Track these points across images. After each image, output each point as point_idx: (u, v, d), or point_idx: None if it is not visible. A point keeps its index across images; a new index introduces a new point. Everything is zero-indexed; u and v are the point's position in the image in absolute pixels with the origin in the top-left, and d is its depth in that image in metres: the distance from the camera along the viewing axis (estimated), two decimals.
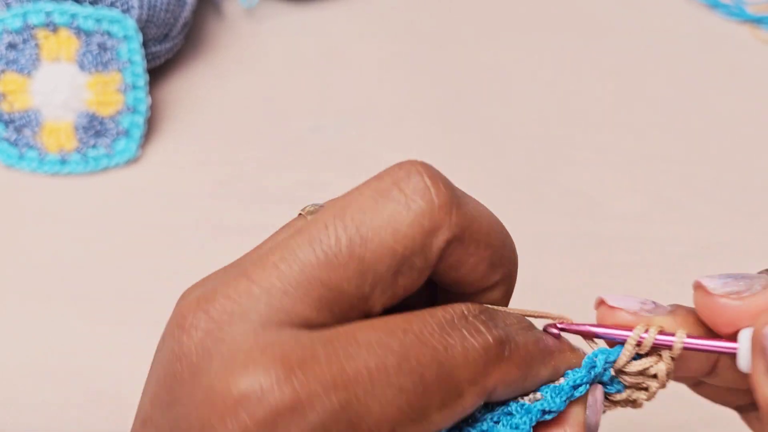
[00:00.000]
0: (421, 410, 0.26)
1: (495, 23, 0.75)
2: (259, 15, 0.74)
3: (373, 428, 0.25)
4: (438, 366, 0.26)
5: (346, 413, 0.24)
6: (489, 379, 0.27)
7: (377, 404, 0.25)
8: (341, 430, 0.24)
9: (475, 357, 0.27)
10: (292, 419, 0.24)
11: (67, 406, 0.50)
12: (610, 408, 0.31)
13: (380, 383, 0.25)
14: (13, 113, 0.62)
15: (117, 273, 0.57)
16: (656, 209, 0.61)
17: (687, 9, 0.76)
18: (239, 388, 0.25)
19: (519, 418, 0.28)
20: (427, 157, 0.68)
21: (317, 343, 0.25)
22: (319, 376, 0.25)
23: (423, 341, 0.26)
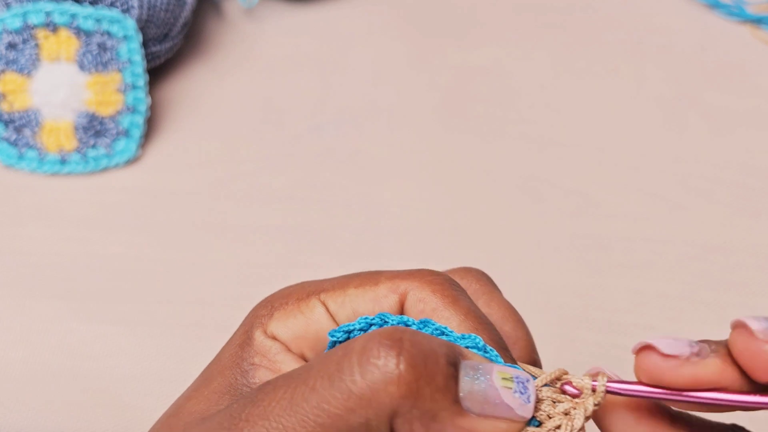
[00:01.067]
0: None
1: (495, 23, 0.75)
2: (259, 15, 0.74)
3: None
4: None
5: None
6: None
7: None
8: None
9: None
10: None
11: (67, 406, 0.50)
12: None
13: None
14: (13, 113, 0.62)
15: (117, 273, 0.57)
16: (656, 209, 0.61)
17: (687, 9, 0.76)
18: None
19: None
20: (426, 157, 0.69)
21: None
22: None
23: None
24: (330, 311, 0.33)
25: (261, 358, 0.32)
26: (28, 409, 0.50)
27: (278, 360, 0.32)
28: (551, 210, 0.61)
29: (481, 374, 0.27)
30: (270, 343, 0.33)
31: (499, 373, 0.27)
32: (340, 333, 0.32)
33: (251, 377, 0.32)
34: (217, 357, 0.34)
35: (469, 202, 0.61)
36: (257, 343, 0.33)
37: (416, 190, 0.62)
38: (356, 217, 0.60)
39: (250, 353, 0.33)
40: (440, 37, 0.73)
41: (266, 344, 0.33)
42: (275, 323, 0.33)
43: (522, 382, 0.28)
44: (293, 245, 0.59)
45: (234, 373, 0.32)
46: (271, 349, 0.32)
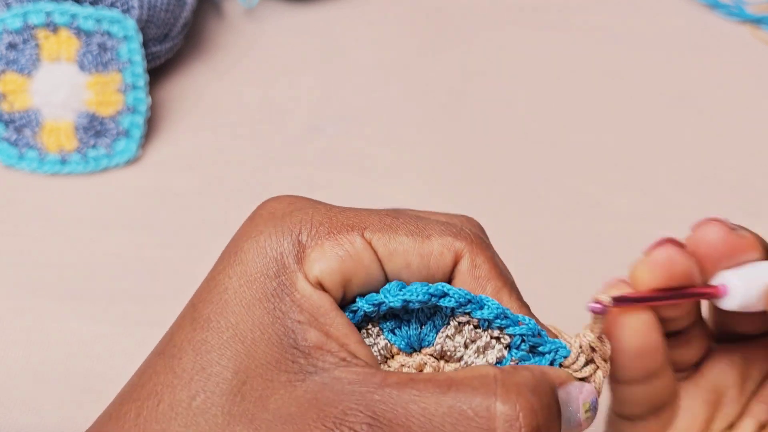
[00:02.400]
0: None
1: (495, 23, 0.75)
2: (259, 15, 0.74)
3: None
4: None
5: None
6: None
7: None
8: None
9: None
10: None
11: (67, 406, 0.50)
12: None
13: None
14: (13, 113, 0.62)
15: (117, 273, 0.57)
16: (656, 209, 0.61)
17: (687, 9, 0.76)
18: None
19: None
20: (426, 156, 0.69)
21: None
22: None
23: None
24: (379, 255, 0.30)
25: (308, 316, 0.28)
26: (28, 409, 0.50)
27: (328, 322, 0.28)
28: (551, 209, 0.61)
29: (573, 414, 0.29)
30: (317, 300, 0.28)
31: (583, 406, 0.29)
32: (396, 299, 0.30)
33: (300, 339, 0.28)
34: (229, 296, 0.29)
35: (468, 201, 0.61)
36: (301, 296, 0.28)
37: (416, 190, 0.62)
38: None
39: (293, 307, 0.28)
40: (441, 37, 0.73)
41: (313, 301, 0.28)
42: (318, 264, 0.29)
43: (595, 406, 0.30)
44: None
45: (276, 330, 0.28)
46: (320, 309, 0.28)
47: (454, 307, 0.30)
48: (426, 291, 0.30)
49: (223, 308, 0.29)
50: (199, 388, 0.27)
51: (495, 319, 0.30)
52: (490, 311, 0.30)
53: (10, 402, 0.50)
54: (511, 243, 0.59)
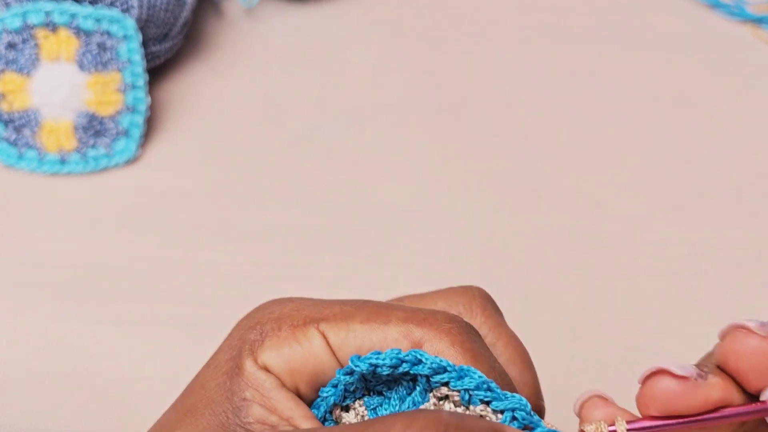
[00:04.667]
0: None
1: (495, 23, 0.75)
2: (259, 15, 0.74)
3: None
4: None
5: None
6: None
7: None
8: None
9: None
10: None
11: (67, 406, 0.50)
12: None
13: None
14: (13, 113, 0.62)
15: (116, 273, 0.57)
16: (656, 209, 0.61)
17: (687, 9, 0.76)
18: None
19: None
20: (426, 156, 0.68)
21: None
22: None
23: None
24: (330, 345, 0.31)
25: (253, 392, 0.30)
26: (28, 409, 0.50)
27: (273, 397, 0.30)
28: (551, 210, 0.61)
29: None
30: (263, 377, 0.30)
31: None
32: (364, 364, 0.29)
33: (244, 415, 0.30)
34: (200, 381, 0.31)
35: (469, 201, 0.61)
36: (248, 374, 0.30)
37: (416, 190, 0.62)
38: (356, 217, 0.60)
39: (241, 385, 0.30)
40: (439, 37, 0.73)
41: (259, 378, 0.30)
42: (268, 352, 0.31)
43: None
44: (293, 245, 0.58)
45: (224, 408, 0.30)
46: (265, 384, 0.30)
47: (428, 375, 0.28)
48: (396, 356, 0.28)
49: (190, 391, 0.31)
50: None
51: (476, 389, 0.28)
52: (471, 380, 0.28)
53: (10, 402, 0.50)
54: (511, 243, 0.59)
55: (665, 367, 0.28)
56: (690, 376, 0.28)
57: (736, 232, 0.60)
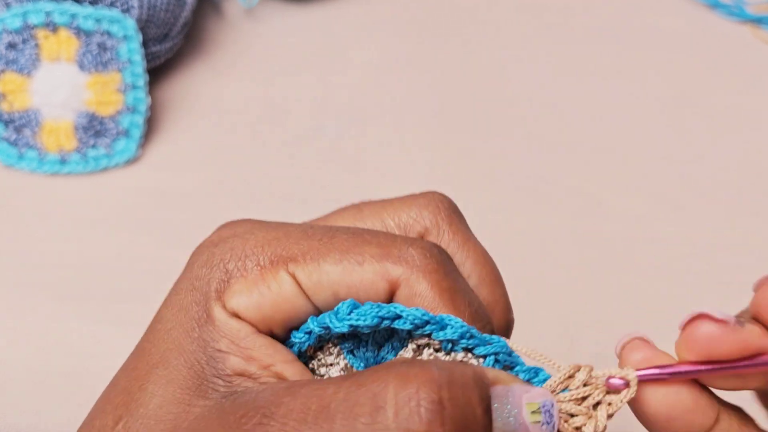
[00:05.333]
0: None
1: (495, 23, 0.75)
2: (259, 15, 0.74)
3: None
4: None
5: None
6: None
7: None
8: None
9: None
10: None
11: (67, 406, 0.50)
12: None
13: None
14: (13, 113, 0.62)
15: (117, 273, 0.57)
16: (656, 209, 0.61)
17: (687, 9, 0.76)
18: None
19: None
20: (426, 157, 0.68)
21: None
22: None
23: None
24: (303, 288, 0.29)
25: (228, 343, 0.28)
26: (28, 409, 0.50)
27: (248, 345, 0.28)
28: (552, 209, 0.61)
29: (512, 413, 0.26)
30: (236, 326, 0.28)
31: (527, 407, 0.26)
32: (343, 325, 0.27)
33: (221, 368, 0.28)
34: (164, 326, 0.29)
35: (469, 201, 0.61)
36: (219, 323, 0.28)
37: (416, 189, 0.62)
38: None
39: (213, 335, 0.28)
40: (440, 37, 0.73)
41: (231, 327, 0.28)
42: (237, 298, 0.28)
43: (548, 411, 0.26)
44: None
45: (198, 359, 0.28)
46: (239, 333, 0.28)
47: (411, 329, 0.28)
48: (376, 314, 0.27)
49: (155, 336, 0.29)
50: (123, 413, 0.28)
51: (460, 339, 0.28)
52: (454, 331, 0.27)
53: (9, 402, 0.50)
54: (512, 242, 0.59)
55: (706, 311, 0.28)
56: (729, 321, 0.28)
57: (737, 232, 0.60)
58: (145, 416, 0.27)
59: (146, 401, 0.28)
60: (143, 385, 0.28)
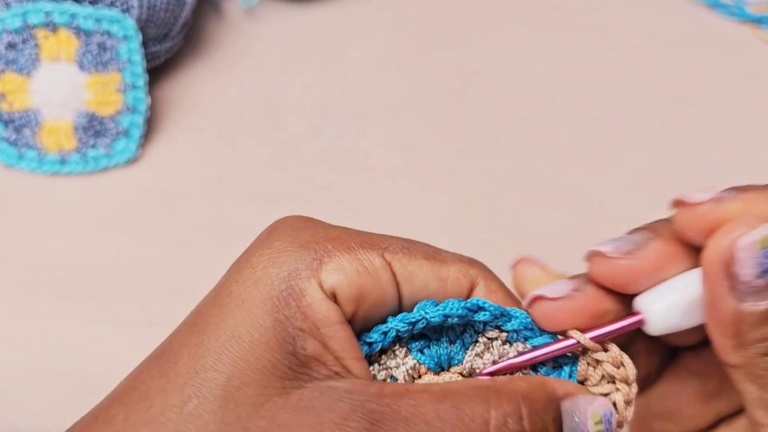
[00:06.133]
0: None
1: (495, 23, 0.75)
2: (259, 15, 0.74)
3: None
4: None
5: None
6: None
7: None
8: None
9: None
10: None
11: (67, 406, 0.50)
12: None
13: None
14: (13, 113, 0.62)
15: (117, 273, 0.57)
16: (656, 209, 0.61)
17: (687, 9, 0.76)
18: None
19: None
20: (427, 156, 0.68)
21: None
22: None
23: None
24: (397, 277, 0.29)
25: (311, 325, 0.27)
26: (28, 409, 0.50)
27: (329, 334, 0.28)
28: (552, 210, 0.61)
29: (578, 426, 0.29)
30: (326, 309, 0.28)
31: (592, 419, 0.29)
32: (437, 314, 0.29)
33: (300, 347, 0.27)
34: (233, 299, 0.28)
35: (469, 201, 0.61)
36: (312, 301, 0.28)
37: (417, 190, 0.62)
38: (356, 217, 0.60)
39: (297, 314, 0.27)
40: (440, 37, 0.73)
41: (321, 308, 0.28)
42: (335, 274, 0.28)
43: (609, 419, 0.29)
44: None
45: (276, 335, 0.27)
46: (326, 319, 0.28)
47: (488, 321, 0.30)
48: (464, 306, 0.30)
49: (224, 310, 0.28)
50: (192, 393, 0.27)
51: (522, 329, 0.31)
52: (519, 322, 0.31)
53: (9, 402, 0.50)
54: (512, 242, 0.59)
55: (540, 292, 0.31)
56: (561, 296, 0.31)
57: None
58: (220, 398, 0.27)
59: (219, 381, 0.27)
60: (214, 364, 0.27)
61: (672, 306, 0.30)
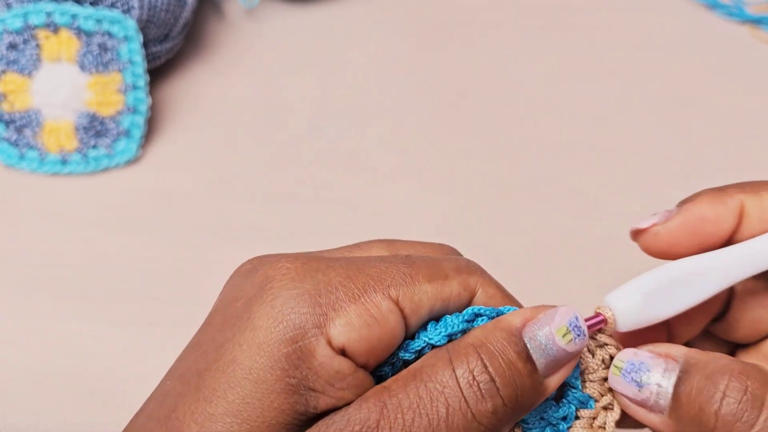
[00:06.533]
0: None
1: (495, 23, 0.75)
2: (259, 15, 0.75)
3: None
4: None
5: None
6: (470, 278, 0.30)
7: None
8: None
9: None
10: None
11: (67, 406, 0.50)
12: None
13: None
14: (14, 113, 0.62)
15: (117, 273, 0.57)
16: (656, 209, 0.61)
17: (687, 9, 0.76)
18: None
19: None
20: (427, 156, 0.68)
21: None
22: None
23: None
24: (403, 311, 0.29)
25: (324, 384, 0.27)
26: (28, 409, 0.50)
27: (344, 386, 0.27)
28: (551, 210, 0.61)
29: (547, 346, 0.29)
30: (338, 365, 0.27)
31: (558, 333, 0.29)
32: (442, 338, 0.30)
33: (312, 406, 0.27)
34: (241, 368, 0.27)
35: (469, 202, 0.61)
36: (324, 360, 0.27)
37: (416, 190, 0.62)
38: (356, 217, 0.60)
39: (309, 374, 0.27)
40: (440, 37, 0.73)
41: (333, 365, 0.27)
42: (343, 331, 0.27)
43: (576, 326, 0.30)
44: (293, 245, 0.58)
45: (288, 399, 0.27)
46: (340, 373, 0.27)
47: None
48: (462, 320, 0.30)
49: (231, 380, 0.27)
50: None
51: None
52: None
53: (9, 402, 0.50)
54: (512, 242, 0.59)
55: (639, 225, 0.35)
56: (661, 216, 0.36)
57: None
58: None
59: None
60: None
61: (638, 303, 0.31)
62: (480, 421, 0.27)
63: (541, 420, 0.31)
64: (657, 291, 0.31)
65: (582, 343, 0.30)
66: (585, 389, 0.31)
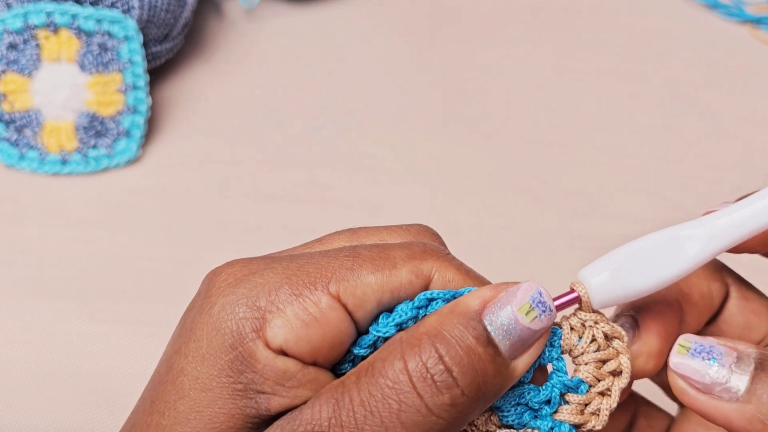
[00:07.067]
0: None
1: (495, 23, 0.75)
2: (259, 15, 0.75)
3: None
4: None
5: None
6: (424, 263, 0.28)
7: None
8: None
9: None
10: None
11: (67, 406, 0.50)
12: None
13: None
14: (14, 113, 0.62)
15: (117, 273, 0.57)
16: (656, 209, 0.61)
17: (687, 9, 0.76)
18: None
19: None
20: (426, 157, 0.68)
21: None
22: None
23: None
24: (347, 306, 0.28)
25: (272, 385, 0.27)
26: (28, 409, 0.50)
27: (295, 385, 0.27)
28: (551, 210, 0.61)
29: (510, 326, 0.27)
30: (282, 365, 0.27)
31: (520, 312, 0.27)
32: (391, 328, 0.28)
33: (264, 409, 0.27)
34: (188, 377, 0.27)
35: (468, 202, 0.61)
36: (266, 363, 0.27)
37: (416, 190, 0.62)
38: (356, 217, 0.60)
39: (255, 378, 0.27)
40: (440, 37, 0.73)
41: (277, 366, 0.27)
42: (280, 332, 0.27)
43: (540, 302, 0.28)
44: (293, 245, 0.58)
45: (236, 405, 0.27)
46: (286, 372, 0.27)
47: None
48: (413, 307, 0.28)
49: (180, 390, 0.27)
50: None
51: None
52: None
53: (10, 402, 0.50)
54: (512, 242, 0.59)
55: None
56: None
57: None
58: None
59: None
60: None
61: (611, 277, 0.30)
62: (439, 415, 0.26)
63: (517, 405, 0.29)
64: (632, 263, 0.30)
65: (548, 319, 0.28)
66: (577, 373, 0.30)
